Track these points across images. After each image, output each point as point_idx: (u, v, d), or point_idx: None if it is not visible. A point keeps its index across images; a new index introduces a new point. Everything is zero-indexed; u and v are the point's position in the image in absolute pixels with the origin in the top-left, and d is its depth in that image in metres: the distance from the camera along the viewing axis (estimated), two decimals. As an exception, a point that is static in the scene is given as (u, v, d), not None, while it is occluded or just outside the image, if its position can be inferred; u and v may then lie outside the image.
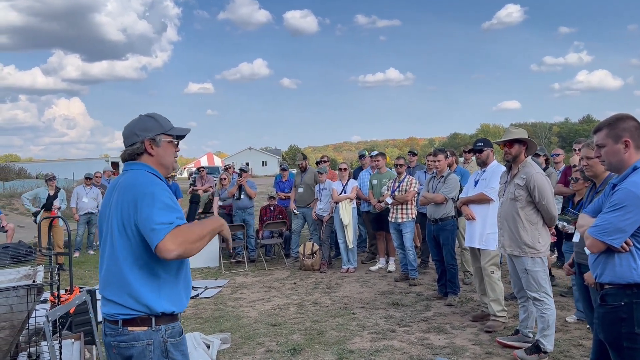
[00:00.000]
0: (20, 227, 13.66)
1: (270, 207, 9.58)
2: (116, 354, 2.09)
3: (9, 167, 33.42)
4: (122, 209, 2.06)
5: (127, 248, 2.05)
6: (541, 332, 4.21)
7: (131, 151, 2.20)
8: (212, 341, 4.58)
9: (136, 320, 2.06)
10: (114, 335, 2.08)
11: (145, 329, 2.06)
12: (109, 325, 2.11)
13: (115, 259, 2.07)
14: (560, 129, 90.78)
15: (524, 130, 4.45)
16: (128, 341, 2.06)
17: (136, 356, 2.05)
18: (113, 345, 2.08)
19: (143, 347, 2.05)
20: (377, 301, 6.20)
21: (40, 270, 3.40)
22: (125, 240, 2.05)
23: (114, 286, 2.07)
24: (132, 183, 2.10)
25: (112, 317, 2.08)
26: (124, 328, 2.06)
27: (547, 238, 4.33)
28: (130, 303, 2.04)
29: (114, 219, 2.09)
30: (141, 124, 2.22)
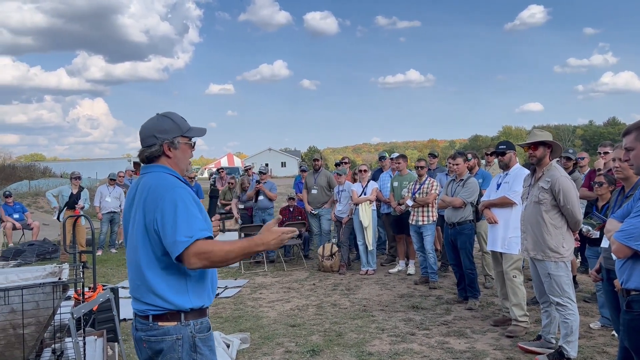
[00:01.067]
0: (45, 225, 13.92)
1: (290, 208, 9.61)
2: (147, 348, 2.12)
3: (35, 166, 34.12)
4: (144, 212, 2.07)
5: (149, 251, 2.07)
6: (564, 338, 4.14)
7: (149, 153, 2.20)
8: (232, 341, 4.60)
9: (166, 315, 2.09)
10: (145, 330, 2.11)
11: (175, 324, 2.09)
12: (140, 320, 2.14)
13: (139, 261, 2.10)
14: (584, 132, 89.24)
15: (548, 133, 4.39)
16: (158, 335, 2.09)
17: (166, 350, 2.09)
18: (144, 339, 2.11)
19: (173, 342, 2.08)
20: (396, 304, 6.17)
21: (65, 267, 3.46)
22: (148, 243, 2.07)
23: (142, 288, 2.10)
24: (153, 186, 2.10)
25: (142, 312, 2.12)
26: (154, 323, 2.09)
27: (571, 242, 4.26)
28: (158, 302, 2.07)
29: (136, 222, 2.11)
30: (159, 125, 2.21)
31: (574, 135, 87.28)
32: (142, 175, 2.23)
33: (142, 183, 2.17)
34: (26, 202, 17.62)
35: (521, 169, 5.18)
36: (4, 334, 2.97)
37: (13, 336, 3.01)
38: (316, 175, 9.00)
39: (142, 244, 2.08)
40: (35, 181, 25.47)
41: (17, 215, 11.53)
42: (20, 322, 2.97)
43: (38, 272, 3.51)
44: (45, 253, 10.08)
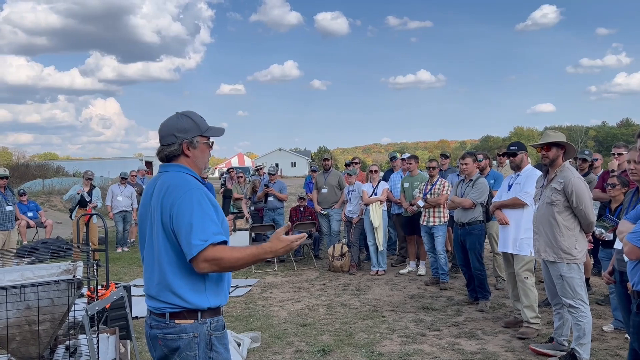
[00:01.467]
0: (58, 223, 14.06)
1: (300, 208, 9.63)
2: (162, 345, 2.12)
3: (48, 165, 34.46)
4: (162, 212, 2.08)
5: (169, 250, 2.08)
6: (577, 340, 4.11)
7: (168, 152, 2.20)
8: (243, 339, 4.63)
9: (183, 313, 2.09)
10: (161, 327, 2.11)
11: (192, 322, 2.09)
12: (155, 318, 2.14)
13: (158, 260, 2.10)
14: (597, 133, 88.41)
15: (562, 134, 4.36)
16: (175, 333, 2.09)
17: (183, 348, 2.09)
18: (159, 337, 2.11)
19: (189, 339, 2.09)
20: (407, 304, 6.16)
21: (79, 265, 3.50)
22: (168, 242, 2.08)
23: (160, 286, 2.10)
24: (172, 186, 2.11)
25: (158, 310, 2.12)
26: (171, 321, 2.09)
27: (584, 244, 4.23)
28: (176, 301, 2.08)
29: (155, 221, 2.12)
30: (179, 125, 2.21)
31: (587, 136, 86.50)
32: (160, 173, 2.24)
33: (160, 182, 2.18)
34: (40, 200, 17.81)
35: (533, 169, 5.15)
36: (20, 330, 3.01)
37: (28, 332, 3.05)
38: (326, 175, 9.01)
39: (162, 242, 2.09)
40: (49, 180, 25.71)
41: (31, 214, 11.67)
42: (35, 319, 3.01)
43: (53, 269, 3.55)
44: (58, 251, 10.19)
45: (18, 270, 3.49)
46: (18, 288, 2.94)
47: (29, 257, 9.04)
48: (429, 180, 7.34)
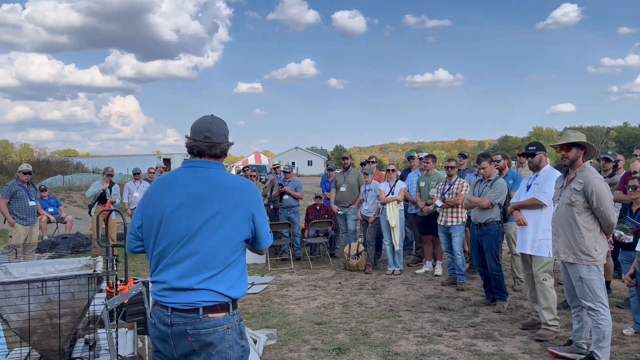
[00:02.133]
0: (77, 219, 14.28)
1: (317, 207, 9.64)
2: (193, 341, 2.14)
3: (68, 162, 35.00)
4: (234, 205, 2.21)
5: (228, 242, 2.19)
6: (596, 343, 4.06)
7: (221, 150, 2.32)
8: (259, 337, 4.65)
9: (217, 307, 2.16)
10: (192, 323, 2.13)
11: (224, 315, 2.18)
12: (182, 315, 2.15)
13: (211, 251, 2.17)
14: (619, 134, 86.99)
15: (582, 134, 4.30)
16: (209, 327, 2.14)
17: (218, 341, 2.15)
18: (190, 333, 2.13)
19: (224, 331, 2.16)
20: (423, 304, 6.13)
21: (99, 260, 3.55)
22: (229, 235, 2.19)
23: (209, 274, 2.17)
24: (245, 184, 2.32)
25: (191, 305, 2.14)
26: (204, 315, 2.14)
27: (605, 246, 4.16)
28: (221, 289, 2.17)
29: (212, 215, 2.18)
30: (226, 128, 2.39)
31: (608, 137, 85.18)
32: (202, 168, 2.29)
33: (214, 177, 2.27)
34: (60, 196, 18.09)
35: (552, 170, 5.09)
36: (41, 323, 3.06)
37: (49, 325, 3.10)
38: (346, 173, 9.02)
39: (221, 234, 2.18)
40: (69, 176, 26.12)
41: (52, 209, 11.86)
42: (56, 312, 3.06)
43: (73, 264, 3.60)
44: (78, 246, 10.34)
45: (40, 264, 3.55)
46: (40, 282, 2.99)
47: (49, 251, 9.20)
48: (447, 179, 7.29)
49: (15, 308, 2.95)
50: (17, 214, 7.86)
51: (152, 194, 2.32)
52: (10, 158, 42.99)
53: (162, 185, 2.32)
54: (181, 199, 2.22)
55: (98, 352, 3.56)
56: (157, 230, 2.24)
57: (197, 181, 2.24)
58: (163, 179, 2.36)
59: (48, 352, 3.18)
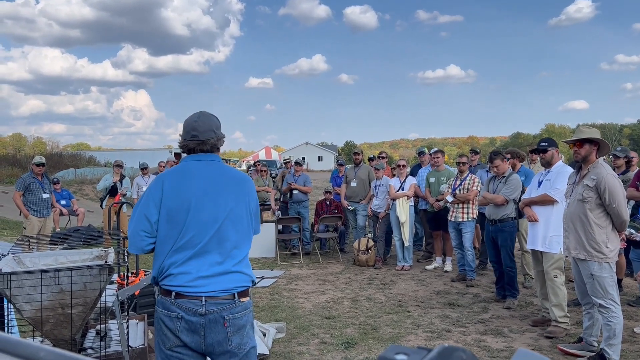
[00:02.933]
0: (89, 212, 14.39)
1: (327, 202, 9.64)
2: (228, 327, 2.22)
3: (80, 155, 35.29)
4: (244, 195, 2.38)
5: (248, 228, 2.38)
6: (606, 340, 4.03)
7: (210, 145, 2.37)
8: (268, 330, 4.67)
9: (246, 291, 2.31)
10: (229, 308, 2.22)
11: (248, 299, 2.33)
12: (219, 302, 2.22)
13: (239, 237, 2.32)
14: (632, 131, 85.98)
15: (596, 130, 4.26)
16: (242, 311, 2.27)
17: (246, 323, 2.29)
18: (227, 319, 2.21)
19: (248, 314, 2.30)
20: (432, 300, 6.12)
21: (111, 252, 3.58)
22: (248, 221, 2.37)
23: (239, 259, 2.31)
24: (244, 176, 2.48)
25: (226, 291, 2.24)
26: (238, 299, 2.26)
27: (617, 243, 4.12)
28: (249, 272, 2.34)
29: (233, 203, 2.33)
30: (215, 122, 2.42)
31: (621, 134, 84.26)
32: (211, 161, 2.38)
33: (223, 169, 2.40)
34: (72, 189, 18.24)
35: (564, 166, 5.04)
36: (54, 313, 3.11)
37: (61, 315, 3.14)
38: (357, 169, 9.02)
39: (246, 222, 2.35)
40: (81, 169, 26.33)
41: (64, 202, 11.97)
42: (68, 302, 3.09)
43: (85, 255, 3.65)
44: (90, 238, 10.44)
45: (52, 255, 3.60)
46: (52, 272, 3.03)
47: (62, 243, 9.29)
48: (458, 175, 7.26)
49: (28, 297, 2.99)
50: (32, 206, 7.94)
51: (172, 186, 2.27)
52: (24, 151, 43.48)
53: (179, 177, 2.30)
54: (203, 189, 2.28)
55: (109, 342, 3.60)
56: (182, 221, 2.22)
57: (213, 172, 2.34)
58: (177, 171, 2.34)
59: (60, 341, 3.22)
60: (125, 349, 3.15)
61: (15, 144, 61.77)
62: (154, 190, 2.29)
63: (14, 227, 12.30)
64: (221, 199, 2.28)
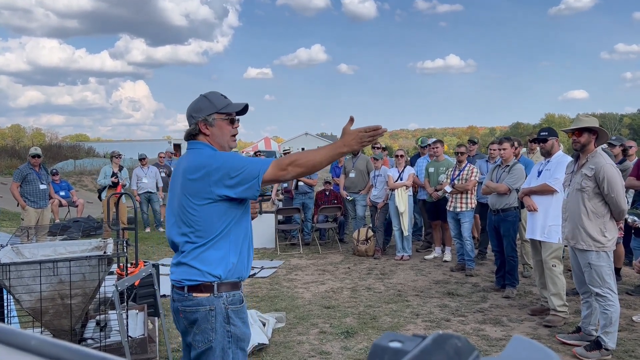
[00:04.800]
0: (88, 203, 14.40)
1: (326, 192, 9.63)
2: (183, 318, 2.23)
3: (79, 146, 35.21)
4: (184, 181, 2.26)
5: (193, 216, 2.26)
6: (603, 328, 4.04)
7: (187, 132, 2.35)
8: (268, 319, 4.69)
9: (199, 286, 2.19)
10: (181, 300, 2.22)
11: (209, 295, 2.19)
12: (176, 292, 2.26)
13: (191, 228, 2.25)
14: (632, 121, 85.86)
15: (594, 119, 4.25)
16: (195, 306, 2.19)
17: (200, 320, 2.18)
18: (180, 310, 2.23)
19: (204, 312, 2.18)
20: (431, 290, 6.14)
21: (110, 242, 3.58)
22: (192, 210, 2.24)
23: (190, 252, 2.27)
24: (200, 160, 2.23)
25: (179, 283, 2.24)
26: (189, 293, 2.20)
27: (614, 232, 4.13)
28: (202, 267, 2.23)
29: (179, 194, 2.28)
30: (196, 105, 2.35)
31: (621, 124, 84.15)
32: (188, 150, 2.39)
33: (188, 158, 2.32)
34: (71, 180, 18.23)
35: (564, 156, 5.04)
36: (53, 303, 3.11)
37: (61, 306, 3.15)
38: (355, 159, 8.99)
39: (188, 212, 2.22)
40: (80, 160, 26.30)
41: (63, 193, 11.96)
42: (67, 293, 3.10)
43: (84, 246, 3.65)
44: (89, 229, 10.44)
45: (51, 245, 3.60)
46: (51, 263, 3.03)
47: (61, 234, 9.29)
48: (457, 165, 7.25)
49: (27, 288, 2.99)
50: (29, 197, 7.93)
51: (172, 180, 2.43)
52: (23, 142, 43.38)
53: (176, 168, 2.44)
54: (173, 184, 2.35)
55: (109, 333, 3.61)
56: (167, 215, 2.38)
57: (182, 165, 2.32)
58: (178, 162, 2.48)
59: (60, 332, 3.23)
60: (125, 339, 3.15)
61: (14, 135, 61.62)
62: None
63: (13, 218, 12.31)
64: (175, 191, 2.30)
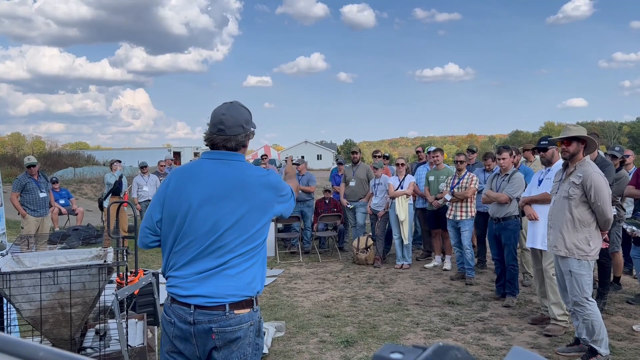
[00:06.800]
0: (88, 211, 14.40)
1: (326, 200, 9.64)
2: (216, 339, 2.06)
3: (79, 154, 35.26)
4: (261, 202, 2.14)
5: (257, 235, 2.18)
6: (590, 337, 4.05)
7: (237, 142, 2.17)
8: (268, 328, 4.67)
9: (241, 303, 2.09)
10: (218, 320, 2.05)
11: (248, 311, 2.11)
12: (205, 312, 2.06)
13: (236, 246, 2.12)
14: (631, 129, 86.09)
15: (583, 128, 4.28)
16: (235, 325, 2.06)
17: (242, 338, 2.08)
18: (214, 331, 2.05)
19: (245, 329, 2.08)
20: (431, 299, 6.13)
21: (110, 251, 3.58)
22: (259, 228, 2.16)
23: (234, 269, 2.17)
24: (267, 182, 2.17)
25: (217, 301, 2.08)
26: (230, 312, 2.06)
27: (599, 242, 4.13)
28: (245, 283, 2.14)
29: (244, 209, 2.12)
30: (245, 116, 2.19)
31: (620, 132, 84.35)
32: (224, 160, 2.18)
33: (239, 169, 2.16)
34: (71, 188, 18.23)
35: (564, 165, 5.05)
36: (53, 312, 3.10)
37: (61, 315, 3.14)
38: (355, 168, 9.01)
39: (253, 230, 2.11)
40: (80, 168, 26.31)
41: (63, 201, 11.96)
42: (67, 302, 3.09)
43: (84, 254, 3.64)
44: (89, 237, 10.43)
45: (51, 254, 3.59)
46: (51, 271, 3.02)
47: (60, 243, 9.28)
48: (456, 173, 7.26)
49: (27, 297, 2.99)
50: (29, 205, 7.91)
51: (175, 187, 2.17)
52: (22, 150, 43.42)
53: (185, 178, 2.18)
54: (206, 194, 2.10)
55: (108, 342, 3.60)
56: (180, 225, 2.11)
57: (225, 174, 2.13)
58: (184, 171, 2.22)
59: (59, 341, 3.22)
60: (125, 349, 3.15)
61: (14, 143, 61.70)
62: (162, 188, 2.22)
63: (12, 227, 12.29)
64: (226, 204, 2.07)
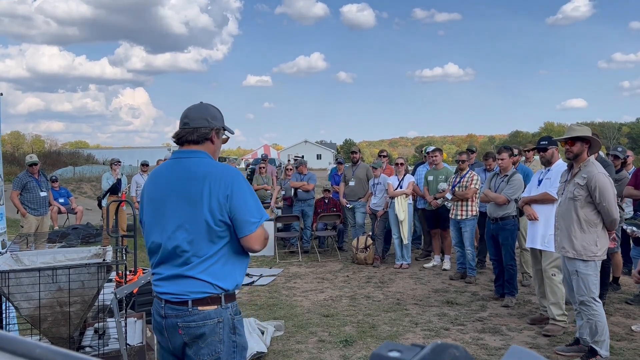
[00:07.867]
0: (87, 210, 14.39)
1: (325, 200, 9.64)
2: (183, 334, 2.10)
3: (79, 153, 35.27)
4: (207, 195, 2.09)
5: (208, 232, 2.11)
6: (592, 338, 4.05)
7: (199, 134, 2.18)
8: (267, 328, 4.68)
9: (206, 299, 2.10)
10: (182, 315, 2.09)
11: (216, 307, 2.11)
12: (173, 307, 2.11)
13: (194, 242, 2.12)
14: (631, 130, 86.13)
15: (587, 128, 4.27)
16: (199, 320, 2.08)
17: (208, 334, 2.09)
18: (180, 326, 2.09)
19: (211, 325, 2.10)
20: (430, 298, 6.13)
21: (109, 250, 3.58)
22: (208, 226, 2.09)
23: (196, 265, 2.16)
24: (220, 171, 2.13)
25: (178, 297, 2.11)
26: (194, 308, 2.08)
27: (606, 242, 4.13)
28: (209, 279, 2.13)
29: (190, 208, 2.11)
30: (210, 112, 2.24)
31: (620, 133, 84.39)
32: (183, 158, 2.21)
33: (189, 166, 2.16)
34: (70, 187, 18.21)
35: (564, 165, 5.04)
36: (52, 311, 3.10)
37: (59, 313, 3.14)
38: (354, 168, 9.00)
39: (203, 228, 2.08)
40: (79, 167, 26.33)
41: (62, 200, 11.97)
42: (66, 300, 3.09)
43: (83, 253, 3.64)
44: (88, 236, 10.43)
45: (50, 253, 3.59)
46: (50, 270, 3.02)
47: (60, 241, 9.28)
48: (458, 173, 7.26)
49: (26, 295, 2.99)
50: (29, 204, 7.90)
51: (146, 190, 2.29)
52: (22, 149, 43.37)
53: (152, 180, 2.29)
54: (166, 192, 2.16)
55: (107, 340, 3.59)
56: (150, 224, 2.22)
57: (178, 172, 2.17)
58: (153, 174, 2.33)
59: (58, 339, 3.22)
60: (124, 347, 3.14)
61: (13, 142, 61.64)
62: (142, 192, 2.36)
63: (12, 225, 12.27)
64: (178, 203, 2.11)
